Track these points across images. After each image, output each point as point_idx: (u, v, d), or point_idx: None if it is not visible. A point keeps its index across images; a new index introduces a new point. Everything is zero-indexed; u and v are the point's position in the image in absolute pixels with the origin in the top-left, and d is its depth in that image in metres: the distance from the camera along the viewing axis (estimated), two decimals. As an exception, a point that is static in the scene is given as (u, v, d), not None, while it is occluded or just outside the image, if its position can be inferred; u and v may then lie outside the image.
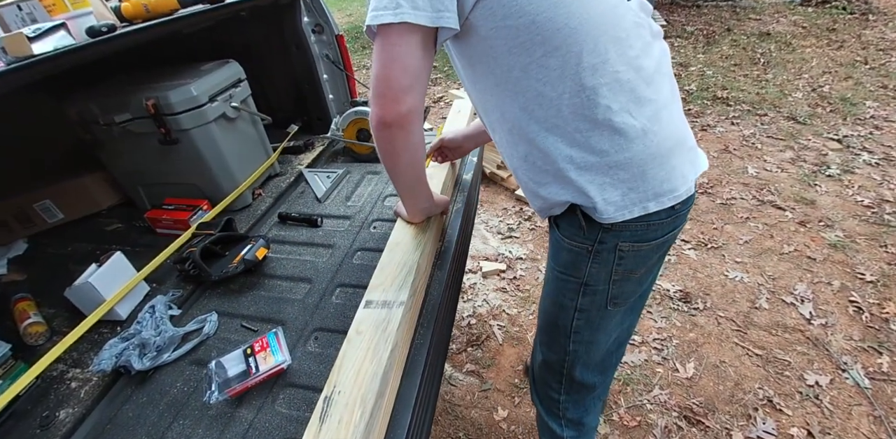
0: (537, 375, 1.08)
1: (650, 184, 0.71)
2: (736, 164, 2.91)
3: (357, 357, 0.75)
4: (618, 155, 0.70)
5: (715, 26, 5.38)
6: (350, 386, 0.70)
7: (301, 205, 1.44)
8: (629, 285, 0.85)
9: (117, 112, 1.25)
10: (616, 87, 0.68)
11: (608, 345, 0.95)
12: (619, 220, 0.73)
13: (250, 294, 1.08)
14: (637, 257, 0.79)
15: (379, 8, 0.63)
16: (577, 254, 0.81)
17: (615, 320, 0.91)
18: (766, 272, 2.14)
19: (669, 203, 0.73)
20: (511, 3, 0.64)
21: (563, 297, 0.88)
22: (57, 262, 1.35)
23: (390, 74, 0.65)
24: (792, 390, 1.64)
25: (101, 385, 0.91)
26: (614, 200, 0.72)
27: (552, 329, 0.94)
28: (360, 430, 0.64)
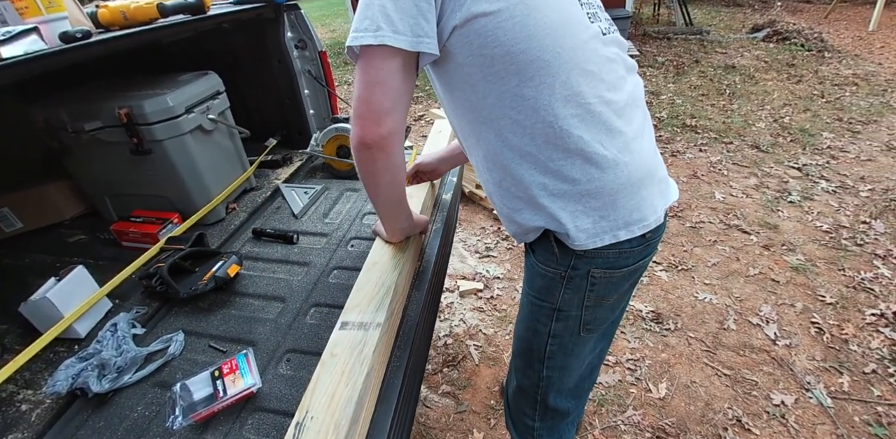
0: (512, 402, 1.07)
1: (620, 213, 0.73)
2: (704, 189, 3.03)
3: (331, 381, 0.73)
4: (589, 184, 0.72)
5: (684, 58, 5.68)
6: (323, 412, 0.68)
7: (277, 221, 1.41)
8: (601, 311, 0.86)
9: (88, 120, 1.21)
10: (588, 119, 0.70)
11: (581, 371, 0.96)
12: (590, 247, 0.75)
13: (220, 313, 1.04)
14: (609, 284, 0.81)
15: (360, 29, 0.64)
16: (550, 280, 0.82)
17: (588, 346, 0.92)
18: (734, 294, 2.20)
19: (639, 232, 0.75)
20: (487, 33, 0.65)
21: (537, 322, 0.88)
22: (12, 275, 1.27)
23: (371, 97, 0.66)
24: (759, 410, 1.68)
25: (55, 408, 0.85)
26: (586, 228, 0.73)
27: (526, 354, 0.94)
28: (333, 458, 0.61)
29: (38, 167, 1.45)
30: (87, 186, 1.41)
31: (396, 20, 0.63)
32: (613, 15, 4.92)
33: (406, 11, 0.63)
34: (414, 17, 0.64)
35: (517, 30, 0.65)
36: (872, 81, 4.62)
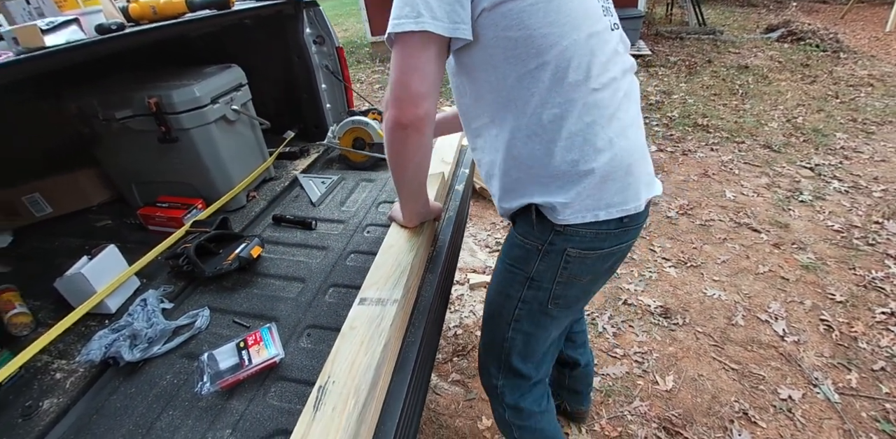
0: (480, 358, 1.12)
1: (605, 194, 0.78)
2: (715, 188, 3.03)
3: (351, 350, 0.77)
4: (586, 165, 0.76)
5: (697, 58, 5.66)
6: (344, 377, 0.72)
7: (295, 208, 1.46)
8: (573, 290, 0.90)
9: (119, 108, 1.27)
10: (591, 103, 0.75)
11: (545, 343, 1.00)
12: (570, 223, 0.79)
13: (243, 291, 1.09)
14: (583, 264, 0.85)
15: (401, 16, 0.68)
16: (527, 251, 0.87)
17: (555, 320, 0.95)
18: (743, 290, 2.21)
19: (617, 214, 0.79)
20: (513, 15, 0.70)
21: (510, 288, 0.93)
22: (43, 256, 1.33)
23: (409, 81, 0.71)
24: (766, 403, 1.69)
25: (88, 376, 0.90)
26: (570, 203, 0.78)
27: (496, 316, 0.99)
28: (354, 419, 0.66)
29: (67, 155, 1.51)
30: (114, 173, 1.47)
31: (435, 7, 0.67)
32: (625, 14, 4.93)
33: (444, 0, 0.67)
34: (451, 4, 0.68)
35: (541, 15, 0.69)
36: (888, 82, 4.57)
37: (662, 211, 2.79)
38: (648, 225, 2.68)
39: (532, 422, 1.12)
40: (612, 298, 2.18)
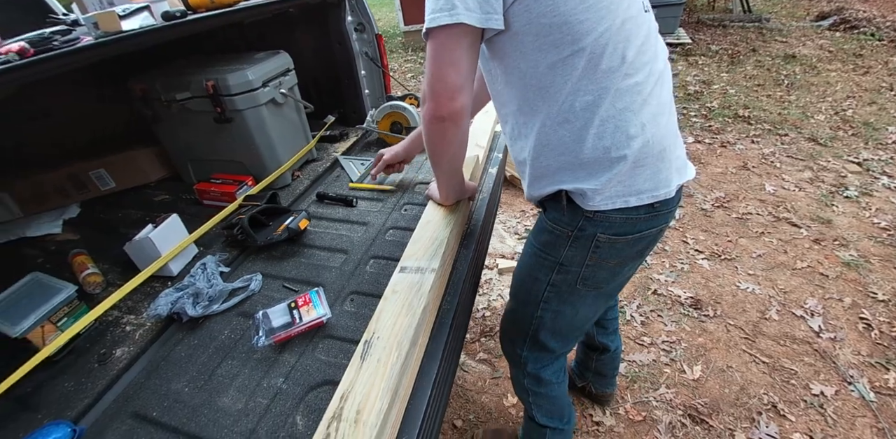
0: (505, 329, 1.16)
1: (636, 180, 0.78)
2: (754, 181, 2.95)
3: (393, 311, 0.83)
4: (618, 151, 0.75)
5: (740, 46, 5.44)
6: (388, 333, 0.78)
7: (337, 187, 1.54)
8: (602, 272, 0.90)
9: (179, 91, 1.36)
10: (624, 89, 0.74)
11: (574, 319, 1.00)
12: (601, 209, 0.79)
13: (291, 260, 1.17)
14: (612, 249, 0.85)
15: (436, 10, 0.69)
16: (557, 237, 0.87)
17: (584, 299, 0.96)
18: (778, 285, 2.16)
19: (648, 200, 0.79)
20: (547, 2, 0.69)
21: (539, 272, 0.94)
22: (108, 226, 1.45)
23: (446, 75, 0.73)
24: (797, 398, 1.67)
25: (155, 329, 1.00)
26: (600, 189, 0.77)
27: (524, 296, 1.00)
28: (396, 369, 0.72)
29: (130, 134, 1.63)
30: (172, 152, 1.58)
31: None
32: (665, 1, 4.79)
33: None
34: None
35: (577, 1, 0.68)
36: (951, 74, 4.29)
37: (697, 203, 2.75)
38: (682, 216, 2.64)
39: (548, 390, 1.18)
40: (641, 287, 2.17)
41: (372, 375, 0.71)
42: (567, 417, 1.27)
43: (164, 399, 0.84)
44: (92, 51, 0.95)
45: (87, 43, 0.97)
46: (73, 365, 0.95)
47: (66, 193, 1.57)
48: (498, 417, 1.64)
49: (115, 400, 0.85)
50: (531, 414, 1.25)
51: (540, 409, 1.22)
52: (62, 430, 0.80)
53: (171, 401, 0.83)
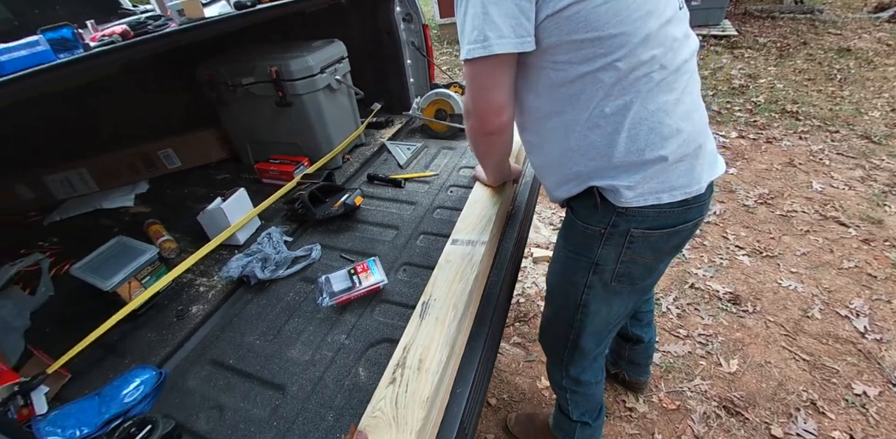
0: (545, 334, 1.17)
1: (669, 178, 0.77)
2: (800, 178, 2.86)
3: (447, 277, 0.89)
4: (652, 153, 0.74)
5: (790, 39, 5.22)
6: (444, 296, 0.84)
7: (385, 169, 1.61)
8: (637, 268, 0.88)
9: (244, 76, 1.46)
10: (657, 91, 0.73)
11: (609, 317, 0.99)
12: (633, 205, 0.78)
13: (347, 233, 1.25)
14: (647, 243, 0.83)
15: (471, 41, 0.70)
16: (589, 237, 0.86)
17: (620, 296, 0.94)
18: (822, 284, 2.11)
19: (680, 197, 0.78)
20: (580, 18, 0.67)
21: (574, 275, 0.92)
22: (175, 200, 1.57)
23: (490, 96, 0.76)
24: (837, 396, 1.64)
25: (225, 291, 1.10)
26: (634, 186, 0.77)
27: (562, 301, 0.99)
28: (453, 328, 0.77)
29: (195, 117, 1.75)
30: (233, 134, 1.69)
31: (501, 24, 0.67)
32: (712, -9, 4.64)
33: (508, 14, 0.67)
34: (516, 18, 0.67)
35: (610, 14, 0.67)
36: None
37: (739, 199, 2.69)
38: (723, 212, 2.60)
39: (585, 389, 1.20)
40: (678, 281, 2.16)
41: (431, 331, 0.77)
42: (599, 412, 1.29)
43: (238, 349, 0.93)
44: (180, 35, 1.05)
45: (176, 28, 1.07)
46: (154, 319, 1.05)
47: (137, 170, 1.70)
48: (531, 398, 1.69)
49: (194, 349, 0.95)
50: (565, 409, 1.27)
51: (576, 406, 1.25)
52: (148, 372, 0.90)
53: (244, 351, 0.92)
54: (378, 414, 0.65)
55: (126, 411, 0.84)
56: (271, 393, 0.83)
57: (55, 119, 1.63)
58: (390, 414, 0.65)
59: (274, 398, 0.82)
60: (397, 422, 0.64)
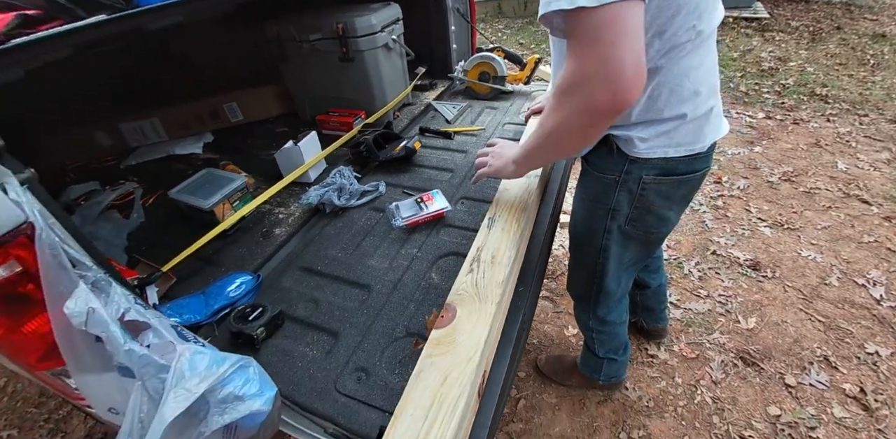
0: (572, 281, 1.27)
1: (678, 135, 0.82)
2: (825, 158, 2.91)
3: (508, 200, 1.02)
4: (669, 112, 0.78)
5: (823, 23, 5.15)
6: (506, 213, 0.96)
7: (434, 124, 1.72)
8: (650, 216, 0.94)
9: (312, 32, 1.57)
10: (683, 55, 0.73)
11: (628, 260, 1.07)
12: (642, 156, 0.83)
13: (407, 174, 1.38)
14: (657, 190, 0.89)
15: None
16: (605, 185, 0.91)
17: (635, 241, 1.01)
18: (842, 256, 2.19)
19: (685, 153, 0.84)
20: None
21: (594, 222, 0.99)
22: (240, 150, 1.71)
23: (629, 54, 0.58)
24: (850, 354, 1.74)
25: (303, 217, 1.23)
26: (647, 139, 0.81)
27: (585, 247, 1.07)
28: (517, 237, 0.90)
29: (258, 73, 1.88)
30: (294, 89, 1.81)
31: None
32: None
33: None
34: None
35: None
36: None
37: (763, 175, 2.76)
38: (747, 187, 2.67)
39: (610, 329, 1.31)
40: (700, 248, 2.26)
41: (499, 237, 0.90)
42: (623, 349, 1.41)
43: (323, 259, 1.07)
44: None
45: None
46: (241, 238, 1.19)
47: (203, 121, 1.84)
48: (559, 343, 1.82)
49: (284, 260, 1.09)
50: (592, 347, 1.40)
51: (601, 344, 1.37)
52: (247, 275, 1.04)
53: (329, 260, 1.06)
54: (462, 293, 0.79)
55: (232, 303, 0.98)
56: (358, 291, 0.97)
57: (131, 71, 1.76)
58: (472, 292, 0.79)
59: (361, 294, 0.96)
60: (479, 297, 0.78)
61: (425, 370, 0.68)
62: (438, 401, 0.63)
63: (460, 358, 0.68)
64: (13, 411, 1.70)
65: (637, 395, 1.61)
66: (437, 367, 0.68)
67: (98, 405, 0.67)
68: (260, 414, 0.58)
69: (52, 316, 0.59)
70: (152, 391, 0.55)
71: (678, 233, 2.36)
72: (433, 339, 0.73)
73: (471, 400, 0.66)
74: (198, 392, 0.53)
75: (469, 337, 0.72)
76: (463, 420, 0.62)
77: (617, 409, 1.58)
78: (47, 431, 1.61)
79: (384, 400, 0.75)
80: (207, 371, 0.56)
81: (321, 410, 0.74)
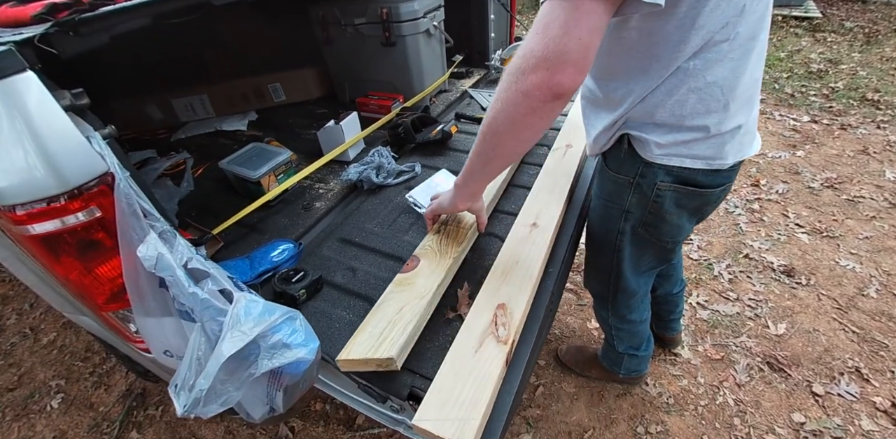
0: (589, 277, 1.27)
1: (698, 146, 0.78)
2: (873, 167, 2.79)
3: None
4: (691, 121, 0.75)
5: (880, 25, 4.90)
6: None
7: (470, 111, 1.74)
8: (663, 224, 0.91)
9: (357, 16, 1.61)
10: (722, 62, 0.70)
11: (643, 262, 1.06)
12: (656, 161, 0.80)
13: (442, 157, 1.41)
14: (672, 198, 0.85)
15: None
16: (620, 186, 0.89)
17: (649, 244, 0.99)
18: (882, 267, 2.11)
19: (702, 166, 0.80)
20: None
21: (609, 222, 0.98)
22: (282, 129, 1.77)
23: (569, 43, 0.56)
24: (884, 368, 1.68)
25: (342, 193, 1.28)
26: (663, 145, 0.78)
27: (601, 246, 1.06)
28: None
29: (299, 56, 1.93)
30: (335, 72, 1.86)
31: None
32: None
33: None
34: None
35: None
36: None
37: (805, 181, 2.67)
38: (786, 192, 2.59)
39: (630, 327, 1.30)
40: (732, 250, 2.21)
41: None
42: (645, 345, 1.39)
43: (360, 231, 1.11)
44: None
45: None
46: (284, 210, 1.25)
47: (248, 100, 1.91)
48: (581, 335, 1.82)
49: (324, 230, 1.13)
50: (612, 342, 1.39)
51: (621, 341, 1.36)
52: (288, 243, 1.09)
53: (366, 233, 1.10)
54: (427, 248, 0.97)
55: (275, 267, 1.03)
56: (393, 263, 1.01)
57: (183, 49, 1.84)
58: (435, 248, 0.97)
59: (396, 266, 0.99)
60: (440, 253, 0.95)
61: (386, 302, 0.85)
62: (392, 324, 0.80)
63: (415, 295, 0.85)
64: (62, 363, 1.82)
65: (657, 391, 1.61)
66: (396, 300, 0.85)
67: (155, 347, 0.73)
68: (304, 362, 0.62)
69: (123, 259, 0.64)
70: (210, 332, 0.60)
71: (710, 234, 2.32)
72: (397, 280, 0.90)
73: (419, 328, 0.82)
74: (252, 335, 0.58)
75: (426, 280, 0.88)
76: (410, 341, 0.79)
77: (636, 403, 1.57)
78: (91, 384, 1.73)
79: (415, 363, 0.79)
80: (260, 318, 0.60)
81: (355, 369, 0.78)
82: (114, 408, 1.65)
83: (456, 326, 0.82)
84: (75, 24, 0.67)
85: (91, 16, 0.69)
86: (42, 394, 1.72)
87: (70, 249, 0.68)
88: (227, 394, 0.59)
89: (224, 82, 1.88)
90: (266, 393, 0.65)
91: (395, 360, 0.73)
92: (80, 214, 0.65)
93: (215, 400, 0.58)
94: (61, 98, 0.63)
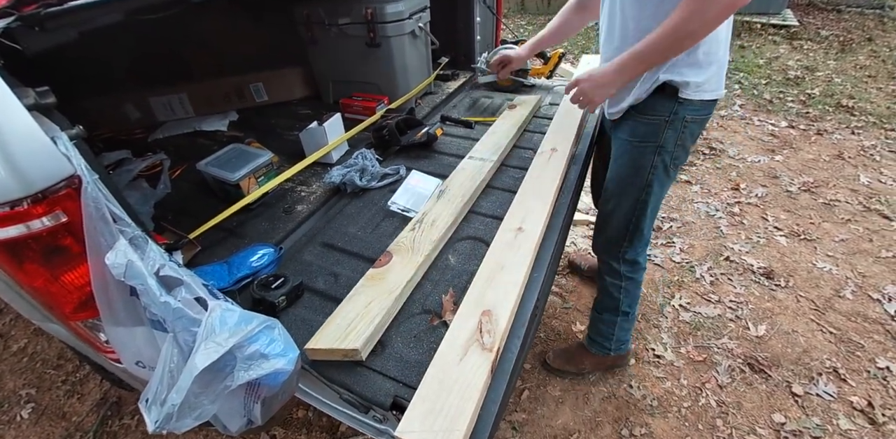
0: (604, 228, 1.32)
1: (714, 82, 1.01)
2: (847, 171, 2.87)
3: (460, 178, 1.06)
4: (714, 55, 0.97)
5: (854, 34, 5.06)
6: (454, 188, 0.96)
7: (455, 113, 1.73)
8: (682, 153, 1.12)
9: (341, 16, 1.59)
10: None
11: (661, 198, 1.21)
12: (690, 98, 1.01)
13: (426, 160, 1.39)
14: (692, 128, 1.07)
15: None
16: (655, 125, 1.07)
17: (669, 179, 1.16)
18: (858, 269, 2.16)
19: (715, 97, 1.04)
20: None
21: (641, 159, 1.12)
22: (265, 129, 1.73)
23: None
24: (860, 368, 1.72)
25: (325, 196, 1.25)
26: (702, 84, 1.00)
27: (628, 186, 1.17)
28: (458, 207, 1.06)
29: (284, 55, 1.90)
30: (318, 72, 1.83)
31: None
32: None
33: None
34: None
35: None
36: None
37: (783, 185, 2.73)
38: (765, 195, 2.65)
39: (638, 274, 1.37)
40: (713, 253, 2.24)
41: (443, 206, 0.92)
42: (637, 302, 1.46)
43: (343, 236, 1.08)
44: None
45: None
46: (265, 213, 1.22)
47: (229, 100, 1.87)
48: (566, 339, 1.82)
49: (305, 234, 1.11)
50: (616, 304, 1.42)
51: (627, 294, 1.40)
52: (268, 248, 1.07)
53: (349, 237, 1.08)
54: (401, 244, 0.99)
55: (254, 273, 1.00)
56: (376, 268, 0.99)
57: (161, 46, 1.79)
58: (409, 246, 0.99)
59: (379, 271, 0.97)
60: (413, 250, 0.98)
61: (357, 295, 0.89)
62: (360, 316, 0.83)
63: (384, 290, 0.89)
64: (32, 371, 1.75)
65: (641, 394, 1.62)
66: (366, 294, 0.88)
67: (126, 358, 0.69)
68: (282, 373, 0.60)
69: (91, 267, 0.61)
70: (183, 343, 0.57)
71: (691, 237, 2.35)
72: (369, 274, 0.93)
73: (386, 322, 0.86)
74: (227, 346, 0.55)
75: (397, 276, 0.91)
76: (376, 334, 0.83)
77: (620, 406, 1.58)
78: (63, 392, 1.66)
79: (398, 371, 0.77)
80: (236, 327, 0.58)
81: (337, 378, 0.76)
82: (87, 418, 1.58)
83: (441, 333, 0.81)
84: (41, 18, 0.64)
85: (58, 10, 0.66)
86: (11, 404, 1.65)
87: (35, 256, 0.64)
88: (202, 408, 0.56)
89: (204, 81, 1.84)
90: (243, 405, 0.63)
91: (359, 351, 0.76)
92: (44, 219, 0.62)
93: (189, 415, 0.56)
94: (25, 96, 0.60)
